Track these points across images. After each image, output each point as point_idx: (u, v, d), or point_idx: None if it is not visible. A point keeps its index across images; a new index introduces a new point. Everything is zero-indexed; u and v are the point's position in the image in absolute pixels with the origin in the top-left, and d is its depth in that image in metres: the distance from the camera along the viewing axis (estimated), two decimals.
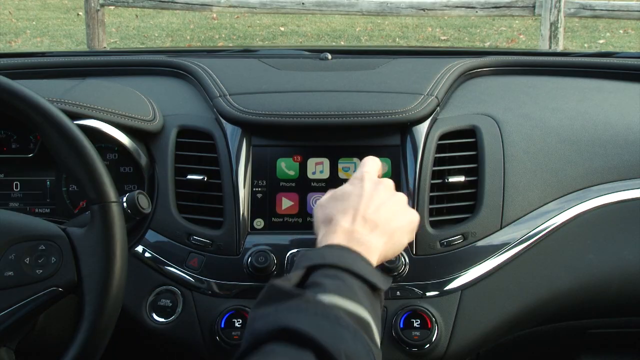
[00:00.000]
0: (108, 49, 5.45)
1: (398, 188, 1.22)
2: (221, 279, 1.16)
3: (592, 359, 1.39)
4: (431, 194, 1.20)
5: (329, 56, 1.56)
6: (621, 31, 7.87)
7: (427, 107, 1.25)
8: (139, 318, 1.16)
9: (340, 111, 1.23)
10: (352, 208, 0.91)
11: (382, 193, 0.95)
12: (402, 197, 0.98)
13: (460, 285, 1.16)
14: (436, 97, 1.28)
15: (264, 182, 1.23)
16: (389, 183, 0.99)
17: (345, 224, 0.88)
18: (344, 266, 0.81)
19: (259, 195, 1.23)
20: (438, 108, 1.30)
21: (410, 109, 1.24)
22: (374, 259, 0.87)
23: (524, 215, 1.21)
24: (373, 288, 0.83)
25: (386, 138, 1.25)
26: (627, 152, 1.28)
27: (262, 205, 1.22)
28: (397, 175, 1.23)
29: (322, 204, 0.96)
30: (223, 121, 1.26)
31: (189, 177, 1.22)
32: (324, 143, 1.25)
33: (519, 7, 5.48)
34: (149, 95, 1.31)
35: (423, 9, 5.72)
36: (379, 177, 1.02)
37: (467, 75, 1.45)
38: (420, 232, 1.17)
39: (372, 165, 1.02)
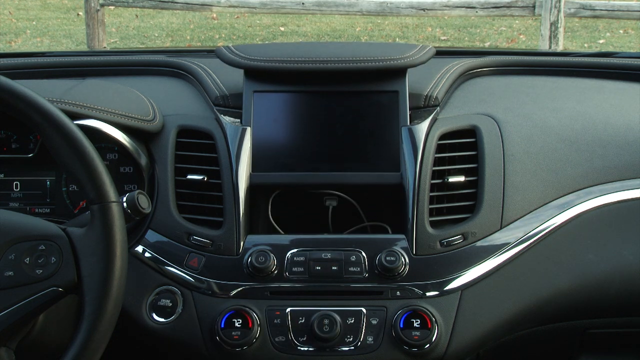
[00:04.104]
0: (108, 49, 5.45)
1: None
2: (221, 279, 1.16)
3: (592, 359, 1.39)
4: (431, 194, 1.20)
5: None
6: (621, 31, 7.87)
7: (425, 55, 1.28)
8: (139, 318, 1.16)
9: (340, 57, 1.25)
10: None
11: None
12: None
13: (460, 285, 1.16)
14: (434, 47, 1.32)
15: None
16: None
17: None
18: None
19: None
20: (438, 108, 1.30)
21: (409, 56, 1.27)
22: None
23: (524, 215, 1.21)
24: None
25: (384, 84, 1.27)
26: (627, 152, 1.28)
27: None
28: (396, 120, 1.25)
29: None
30: (223, 121, 1.26)
31: (189, 177, 1.22)
32: (323, 89, 1.27)
33: (519, 7, 5.48)
34: (149, 95, 1.31)
35: (423, 9, 5.72)
36: None
37: (467, 75, 1.45)
38: (420, 232, 1.17)
39: None
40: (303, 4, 5.84)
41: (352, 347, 1.13)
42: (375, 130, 1.25)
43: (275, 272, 1.16)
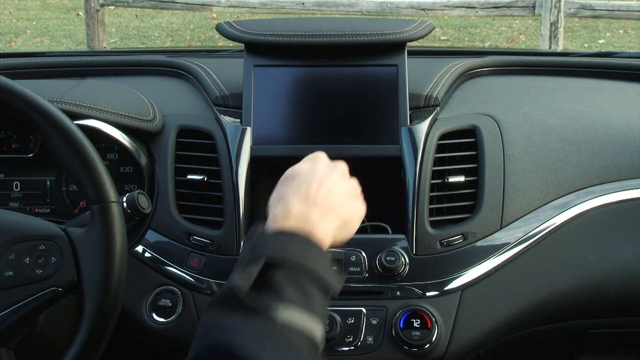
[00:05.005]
0: (108, 49, 5.45)
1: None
2: (221, 279, 1.16)
3: (592, 359, 1.39)
4: (431, 194, 1.20)
5: None
6: (621, 31, 7.86)
7: (423, 30, 1.29)
8: (138, 318, 1.16)
9: (340, 32, 1.27)
10: (304, 189, 0.85)
11: (335, 177, 0.90)
12: (355, 185, 0.94)
13: (460, 285, 1.16)
14: (432, 24, 1.33)
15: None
16: (343, 168, 0.94)
17: (296, 206, 0.83)
18: (305, 267, 0.76)
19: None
20: (438, 108, 1.30)
21: (408, 30, 1.28)
22: (326, 246, 0.83)
23: (524, 215, 1.21)
24: (327, 289, 0.78)
25: (384, 58, 1.28)
26: (626, 152, 1.28)
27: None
28: (395, 94, 1.25)
29: (278, 183, 0.91)
30: (223, 121, 1.26)
31: (189, 177, 1.22)
32: (324, 63, 1.28)
33: (519, 7, 5.48)
34: (149, 95, 1.31)
35: (423, 9, 5.72)
36: None
37: (467, 75, 1.45)
38: (420, 232, 1.17)
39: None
40: (303, 4, 5.85)
41: (352, 347, 1.13)
42: (375, 104, 1.26)
43: None
